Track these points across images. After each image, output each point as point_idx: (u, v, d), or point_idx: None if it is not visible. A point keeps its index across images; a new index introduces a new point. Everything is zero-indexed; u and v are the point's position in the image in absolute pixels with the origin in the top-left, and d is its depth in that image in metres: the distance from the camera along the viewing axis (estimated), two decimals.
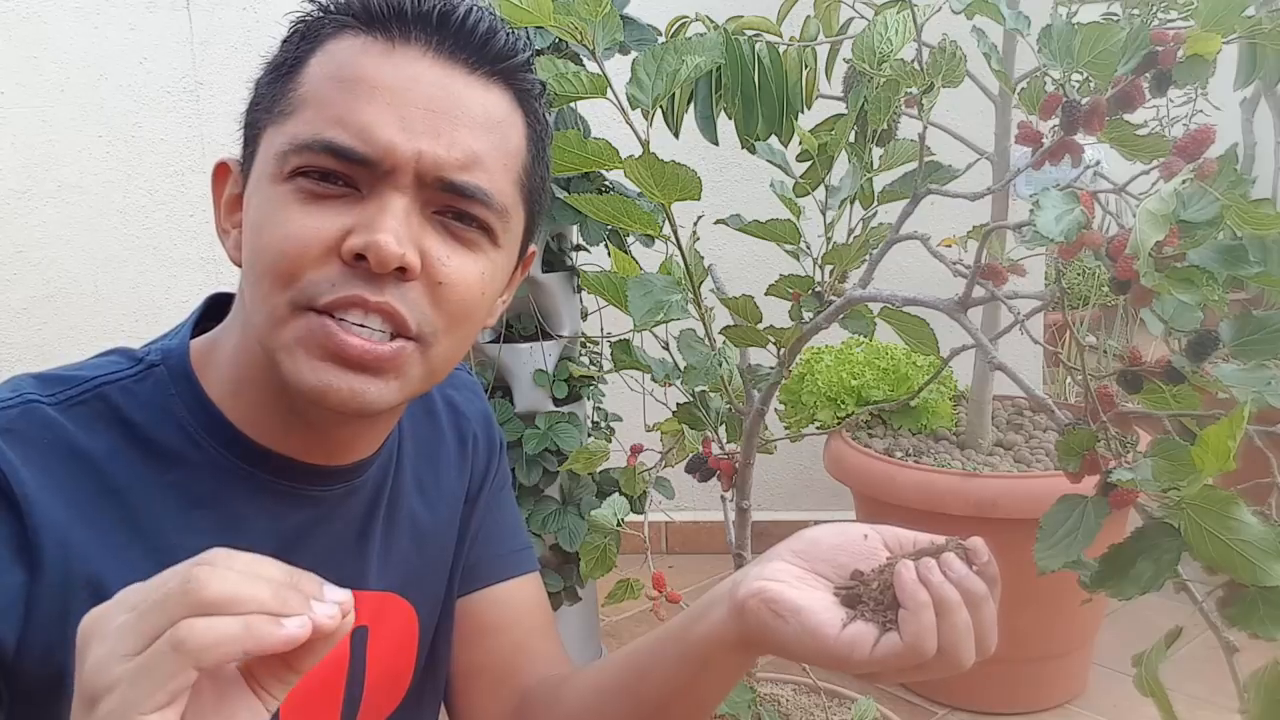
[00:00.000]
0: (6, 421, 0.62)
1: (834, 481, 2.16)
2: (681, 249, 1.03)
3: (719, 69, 1.46)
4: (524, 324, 1.92)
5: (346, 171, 0.61)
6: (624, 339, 1.27)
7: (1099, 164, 1.25)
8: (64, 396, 0.65)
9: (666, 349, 1.26)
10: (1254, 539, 0.73)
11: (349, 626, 0.48)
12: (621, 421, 2.12)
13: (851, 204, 1.08)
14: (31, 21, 2.39)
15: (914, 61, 1.00)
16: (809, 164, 1.11)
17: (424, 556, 0.81)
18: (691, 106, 1.52)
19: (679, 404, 1.30)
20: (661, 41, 1.13)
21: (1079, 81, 0.89)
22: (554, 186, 1.68)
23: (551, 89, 0.92)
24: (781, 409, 2.30)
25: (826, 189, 1.09)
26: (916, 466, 1.96)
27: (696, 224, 1.10)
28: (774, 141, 1.35)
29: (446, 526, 0.84)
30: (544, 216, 0.75)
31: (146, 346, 0.71)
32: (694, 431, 1.32)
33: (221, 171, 0.70)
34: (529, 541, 0.92)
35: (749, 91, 1.47)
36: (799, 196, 1.10)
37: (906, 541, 0.64)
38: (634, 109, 0.94)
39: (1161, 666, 0.85)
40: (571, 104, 1.29)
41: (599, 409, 2.13)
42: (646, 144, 0.92)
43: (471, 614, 0.85)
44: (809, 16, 1.65)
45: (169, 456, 0.66)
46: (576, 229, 1.90)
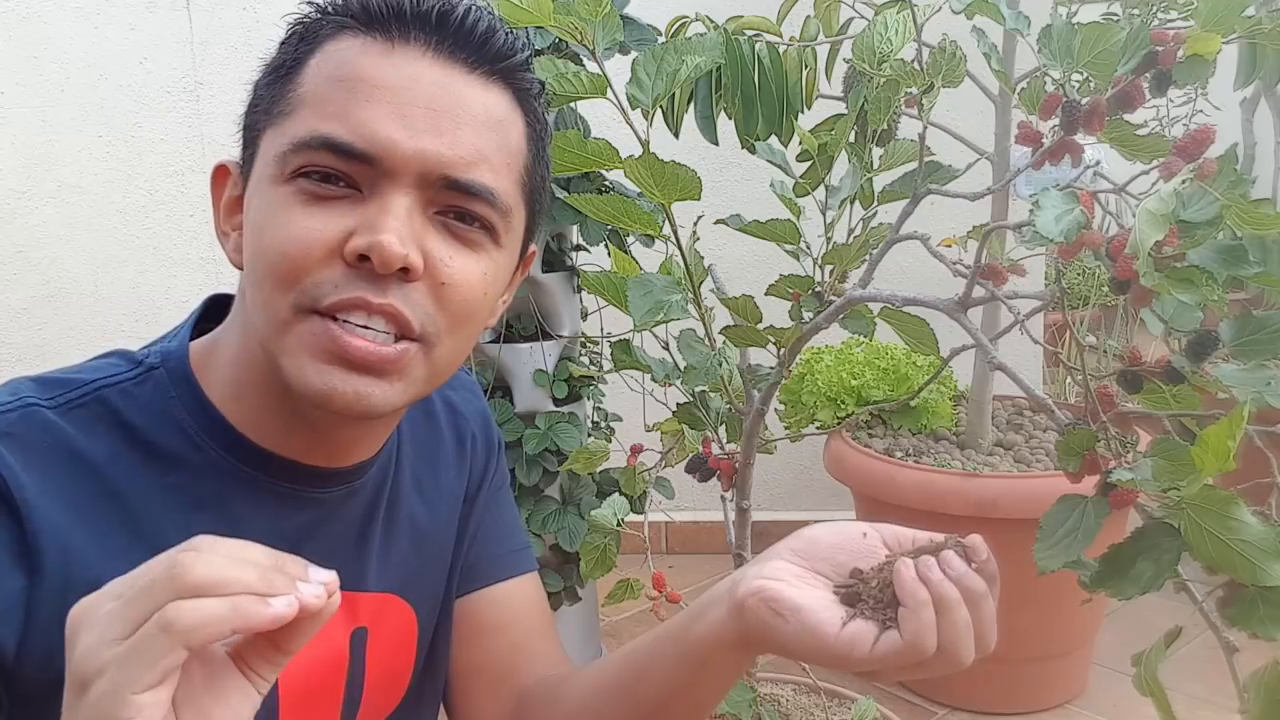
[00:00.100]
0: (6, 425, 0.62)
1: (834, 481, 2.16)
2: (681, 249, 1.03)
3: (719, 69, 1.46)
4: (524, 324, 1.92)
5: (347, 171, 0.61)
6: (624, 339, 1.27)
7: (1099, 164, 1.25)
8: (63, 399, 0.65)
9: (666, 349, 1.26)
10: (1254, 539, 0.73)
11: (335, 607, 0.48)
12: (621, 421, 2.12)
13: (851, 204, 1.08)
14: (31, 21, 2.39)
15: (914, 61, 1.00)
16: (809, 164, 1.11)
17: (423, 557, 0.81)
18: (691, 106, 1.53)
19: (679, 404, 1.30)
20: (661, 41, 1.13)
21: (1079, 81, 0.89)
22: (554, 186, 1.68)
23: (551, 89, 0.92)
24: (781, 409, 2.30)
25: (826, 189, 1.09)
26: (916, 466, 1.95)
27: (696, 224, 1.09)
28: (774, 141, 1.35)
29: (445, 527, 0.84)
30: (544, 216, 0.75)
31: (146, 348, 0.71)
32: (694, 431, 1.32)
33: (220, 173, 0.70)
34: (527, 541, 0.92)
35: (749, 91, 1.47)
36: (799, 196, 1.10)
37: (906, 540, 0.64)
38: (634, 109, 0.94)
39: (1161, 666, 0.85)
40: (571, 104, 1.28)
41: (599, 409, 2.13)
42: (646, 144, 0.92)
43: (470, 614, 0.85)
44: (809, 16, 1.65)
45: (169, 459, 0.66)
46: (576, 229, 1.90)
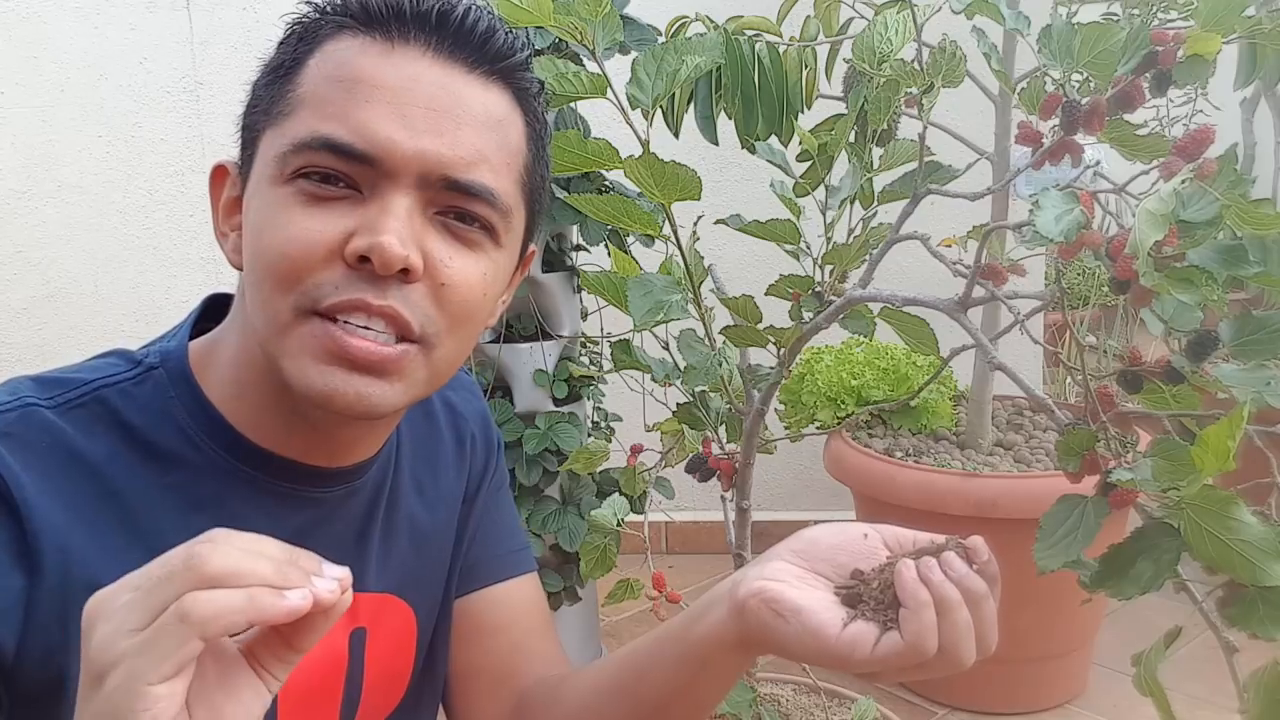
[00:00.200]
0: (5, 425, 0.62)
1: (834, 481, 2.16)
2: (681, 249, 1.03)
3: (719, 69, 1.46)
4: (524, 324, 1.92)
5: (347, 171, 0.61)
6: (624, 339, 1.27)
7: (1099, 164, 1.25)
8: (63, 399, 0.65)
9: (666, 349, 1.26)
10: (1254, 539, 0.73)
11: (348, 603, 0.48)
12: (621, 421, 2.12)
13: (851, 204, 1.08)
14: (31, 21, 2.39)
15: (914, 61, 1.00)
16: (809, 164, 1.11)
17: (422, 557, 0.81)
18: (691, 106, 1.52)
19: (679, 404, 1.30)
20: (661, 41, 1.13)
21: (1079, 81, 0.89)
22: (554, 186, 1.68)
23: (551, 89, 0.92)
24: (781, 409, 2.30)
25: (826, 189, 1.09)
26: (916, 466, 1.95)
27: (696, 224, 1.09)
28: (774, 141, 1.35)
29: (445, 527, 0.83)
30: (544, 216, 0.74)
31: (145, 348, 0.71)
32: (694, 431, 1.32)
33: (219, 174, 0.70)
34: (527, 542, 0.92)
35: (749, 91, 1.47)
36: (799, 196, 1.10)
37: (906, 541, 0.64)
38: (634, 109, 0.94)
39: (1161, 666, 0.85)
40: (571, 104, 1.28)
41: (599, 409, 2.12)
42: (646, 144, 0.92)
43: (470, 614, 0.85)
44: (809, 16, 1.65)
45: (169, 459, 0.66)
46: (576, 229, 1.90)
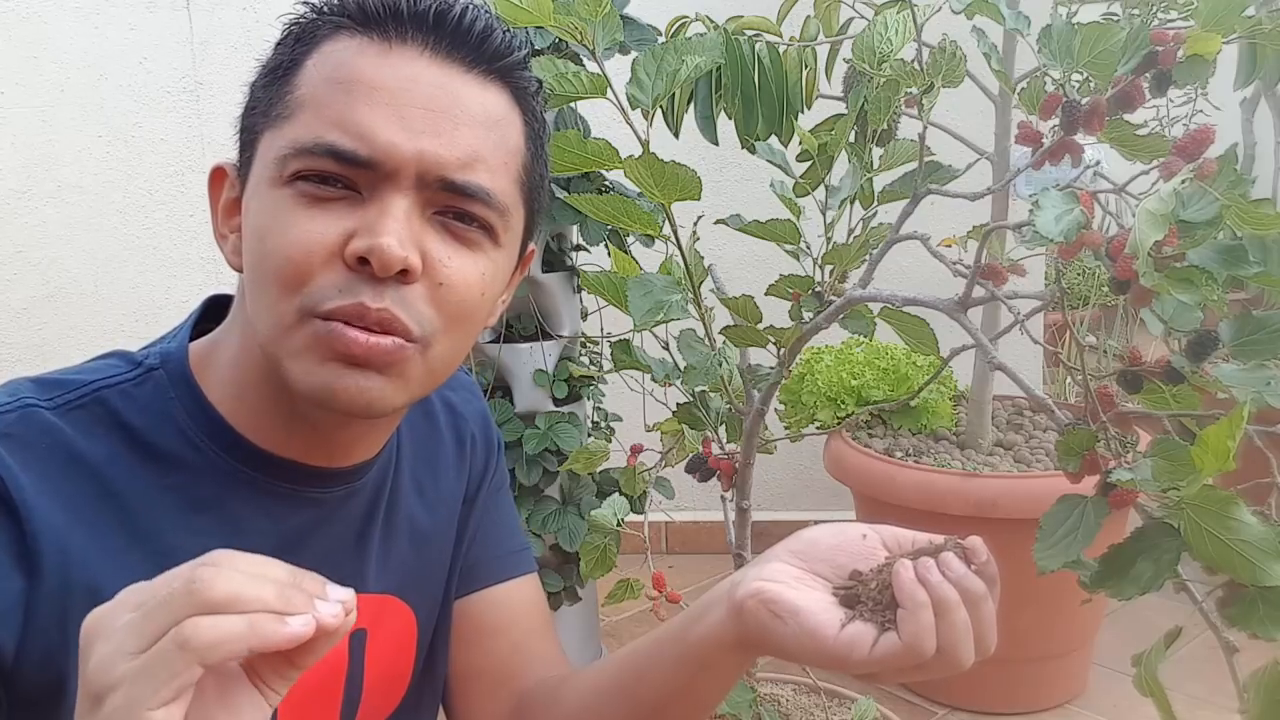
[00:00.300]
0: (5, 426, 0.62)
1: (834, 481, 2.16)
2: (681, 249, 1.03)
3: (719, 69, 1.46)
4: (524, 324, 1.92)
5: (347, 174, 0.61)
6: (624, 339, 1.26)
7: (1099, 164, 1.25)
8: (62, 401, 0.65)
9: (666, 349, 1.26)
10: (1254, 539, 0.73)
11: (351, 624, 0.48)
12: (621, 421, 2.12)
13: (851, 204, 1.08)
14: (31, 21, 2.39)
15: (914, 61, 1.00)
16: (809, 164, 1.11)
17: (422, 558, 0.81)
18: (691, 106, 1.52)
19: (679, 404, 1.30)
20: (661, 41, 1.12)
21: (1079, 81, 0.89)
22: (554, 186, 1.68)
23: (551, 89, 0.92)
24: (781, 409, 2.30)
25: (826, 189, 1.09)
26: (916, 466, 1.95)
27: (696, 224, 1.09)
28: (774, 141, 1.35)
29: (445, 528, 0.83)
30: (543, 215, 0.74)
31: (145, 349, 0.71)
32: (694, 431, 1.32)
33: (218, 176, 0.70)
34: (527, 542, 0.92)
35: (749, 91, 1.47)
36: (799, 196, 1.10)
37: (905, 541, 0.63)
38: (634, 109, 0.94)
39: (1161, 666, 0.85)
40: (571, 104, 1.28)
41: (599, 409, 2.12)
42: (646, 144, 0.92)
43: (470, 615, 0.85)
44: (809, 16, 1.65)
45: (169, 460, 0.66)
46: (576, 229, 1.90)
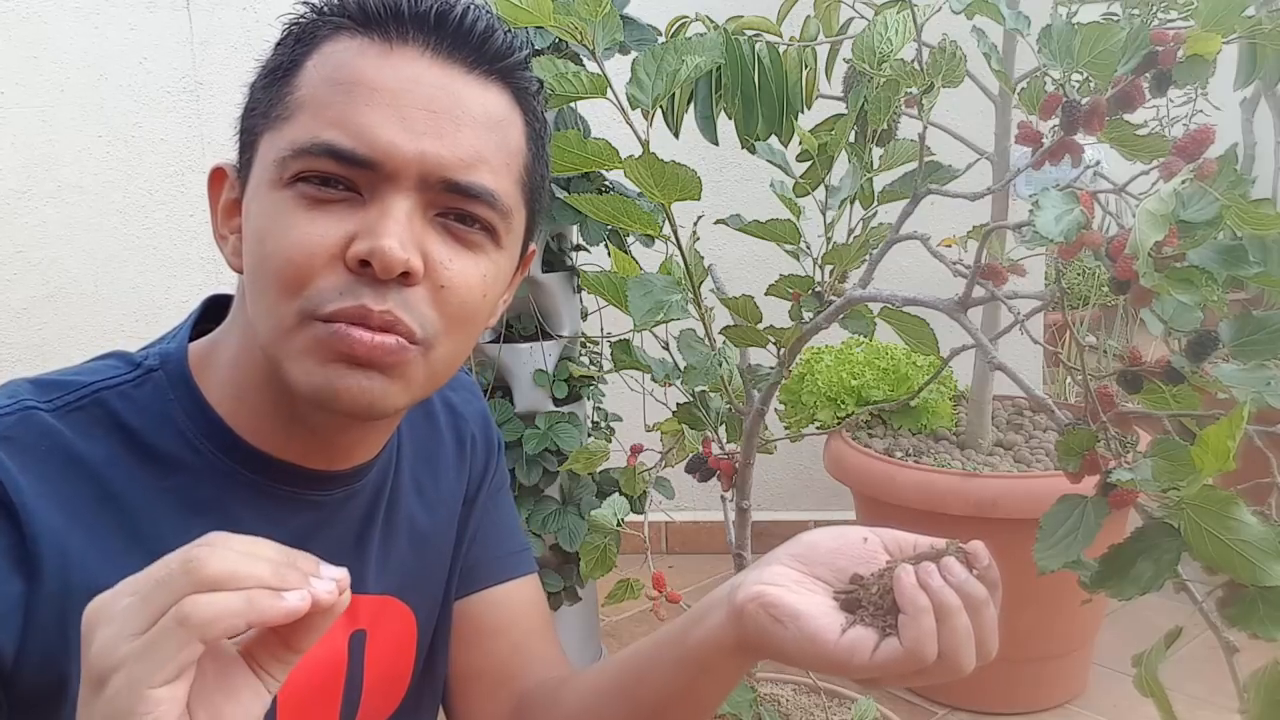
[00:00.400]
0: (4, 429, 0.62)
1: (834, 481, 2.16)
2: (681, 249, 1.03)
3: (719, 69, 1.46)
4: (524, 324, 1.92)
5: (347, 175, 0.61)
6: (624, 339, 1.26)
7: (1099, 164, 1.25)
8: (62, 402, 0.64)
9: (666, 349, 1.26)
10: (1254, 539, 0.73)
11: (345, 603, 0.49)
12: (621, 421, 2.12)
13: (851, 204, 1.08)
14: (31, 21, 2.39)
15: (914, 61, 1.00)
16: (809, 164, 1.11)
17: (422, 559, 0.81)
18: (691, 106, 1.52)
19: (679, 404, 1.30)
20: (661, 41, 1.12)
21: (1079, 81, 0.89)
22: (554, 186, 1.68)
23: (551, 89, 0.92)
24: (781, 409, 2.30)
25: (826, 189, 1.09)
26: (916, 466, 1.95)
27: (696, 224, 1.09)
28: (774, 141, 1.35)
29: (445, 529, 0.83)
30: (544, 215, 0.74)
31: (144, 350, 0.71)
32: (694, 431, 1.32)
33: (217, 176, 0.70)
34: (527, 543, 0.92)
35: (749, 91, 1.47)
36: (799, 196, 1.10)
37: (906, 545, 0.63)
38: (634, 109, 0.94)
39: (1161, 666, 0.85)
40: (571, 104, 1.28)
41: (599, 409, 2.12)
42: (646, 144, 0.92)
43: (470, 616, 0.85)
44: (809, 16, 1.65)
45: (168, 462, 0.66)
46: (576, 229, 1.90)
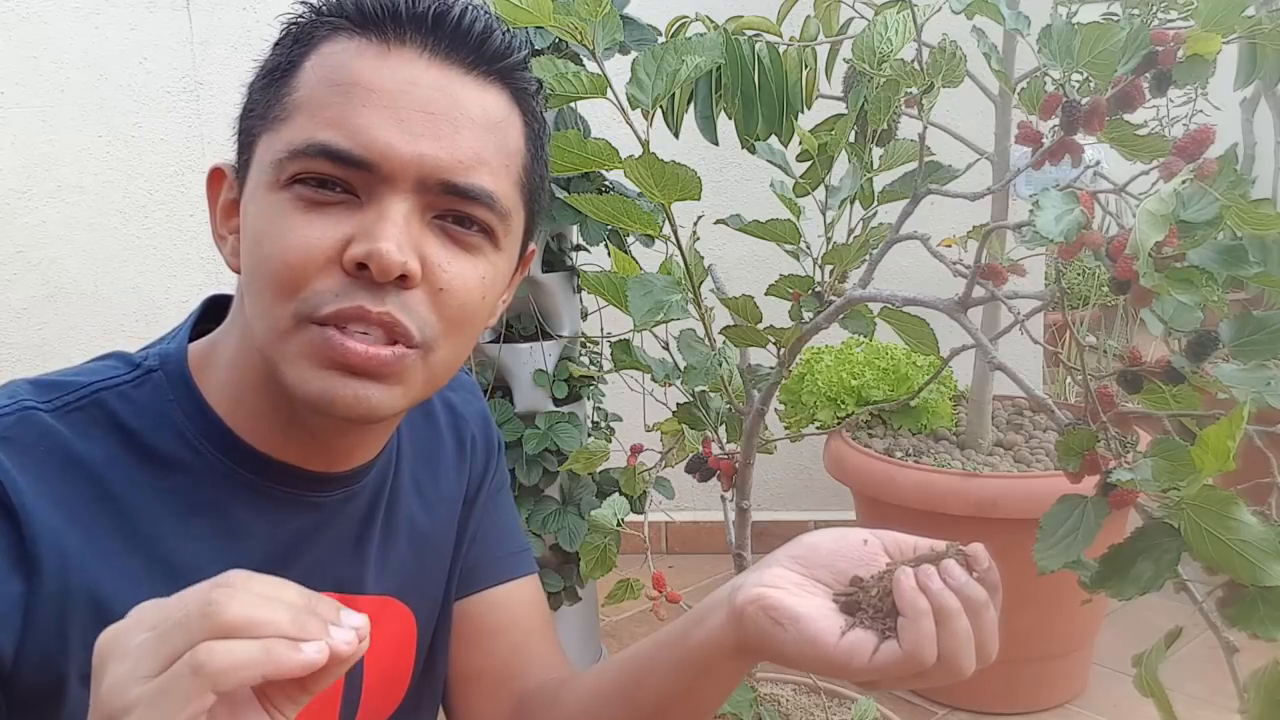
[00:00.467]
0: (3, 430, 0.62)
1: (834, 481, 2.16)
2: (681, 249, 1.03)
3: (719, 69, 1.46)
4: (524, 324, 1.92)
5: (344, 177, 0.61)
6: (624, 339, 1.26)
7: (1099, 164, 1.25)
8: (61, 403, 0.64)
9: (666, 349, 1.26)
10: (1254, 539, 0.73)
11: (364, 650, 0.48)
12: (621, 421, 2.12)
13: (851, 204, 1.08)
14: (31, 21, 2.39)
15: (914, 61, 1.00)
16: (809, 164, 1.11)
17: (422, 560, 0.81)
18: (691, 106, 1.52)
19: (679, 404, 1.30)
20: (661, 41, 1.12)
21: (1079, 81, 0.89)
22: (554, 186, 1.68)
23: (551, 89, 0.92)
24: (781, 409, 2.30)
25: (826, 189, 1.09)
26: (916, 466, 1.95)
27: (696, 224, 1.09)
28: (774, 141, 1.35)
29: (445, 529, 0.83)
30: (543, 216, 0.74)
31: (144, 350, 0.70)
32: (694, 431, 1.32)
33: (216, 177, 0.69)
34: (527, 543, 0.92)
35: (749, 91, 1.47)
36: (799, 196, 1.10)
37: (906, 547, 0.63)
38: (634, 109, 0.94)
39: (1161, 666, 0.85)
40: (571, 104, 1.28)
41: (599, 409, 2.12)
42: (646, 144, 0.92)
43: (470, 616, 0.85)
44: (809, 16, 1.65)
45: (167, 463, 0.66)
46: (576, 229, 1.90)
